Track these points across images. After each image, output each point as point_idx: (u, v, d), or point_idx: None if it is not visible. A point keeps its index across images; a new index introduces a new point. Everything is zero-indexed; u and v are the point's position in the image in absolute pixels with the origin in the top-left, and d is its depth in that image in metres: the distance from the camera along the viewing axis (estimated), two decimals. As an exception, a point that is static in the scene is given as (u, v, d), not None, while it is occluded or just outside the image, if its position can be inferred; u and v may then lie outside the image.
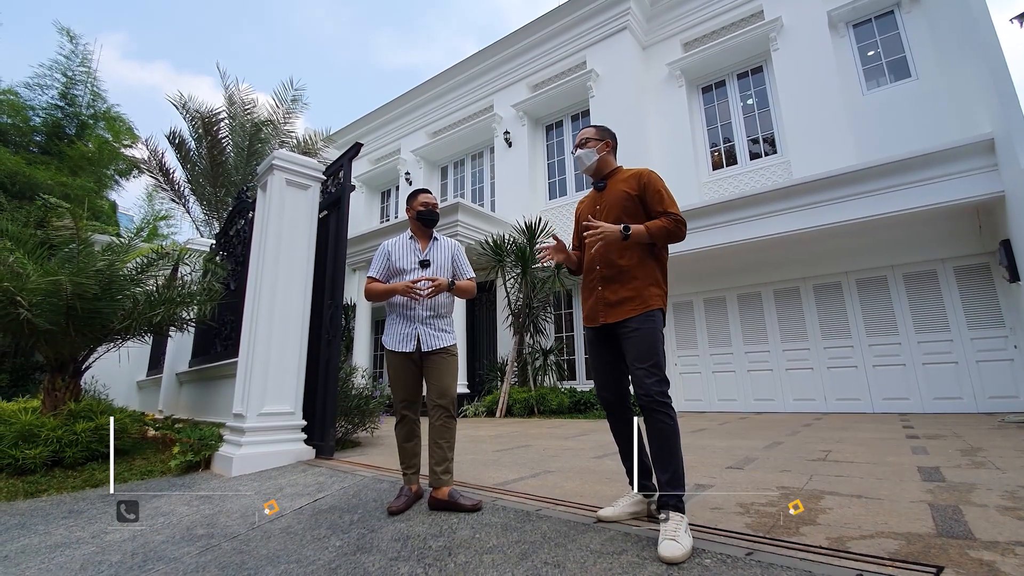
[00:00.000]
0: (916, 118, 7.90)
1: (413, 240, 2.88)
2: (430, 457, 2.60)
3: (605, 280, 2.18)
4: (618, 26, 10.67)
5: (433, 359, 2.71)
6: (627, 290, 2.12)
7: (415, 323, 2.71)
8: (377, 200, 16.35)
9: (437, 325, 2.75)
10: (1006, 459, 3.25)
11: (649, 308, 2.09)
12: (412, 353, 2.69)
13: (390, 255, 2.83)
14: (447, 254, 2.90)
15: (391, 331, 2.76)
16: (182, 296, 5.08)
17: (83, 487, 3.60)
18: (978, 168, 6.07)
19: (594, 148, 2.34)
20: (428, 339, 2.70)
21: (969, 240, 6.84)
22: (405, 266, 2.79)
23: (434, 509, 2.50)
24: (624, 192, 2.22)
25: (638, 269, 2.14)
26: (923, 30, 8.23)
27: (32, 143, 11.95)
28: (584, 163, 2.35)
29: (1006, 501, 2.24)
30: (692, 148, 9.92)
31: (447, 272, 2.86)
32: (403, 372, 2.71)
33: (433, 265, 2.82)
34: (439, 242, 2.93)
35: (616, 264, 2.16)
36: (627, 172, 2.32)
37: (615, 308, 2.13)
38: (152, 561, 2.18)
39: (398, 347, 2.70)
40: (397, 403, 2.74)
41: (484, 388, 9.75)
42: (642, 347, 2.03)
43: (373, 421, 5.11)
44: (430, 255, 2.84)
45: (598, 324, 2.20)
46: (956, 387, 6.71)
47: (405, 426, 2.72)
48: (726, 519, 2.12)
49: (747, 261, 8.39)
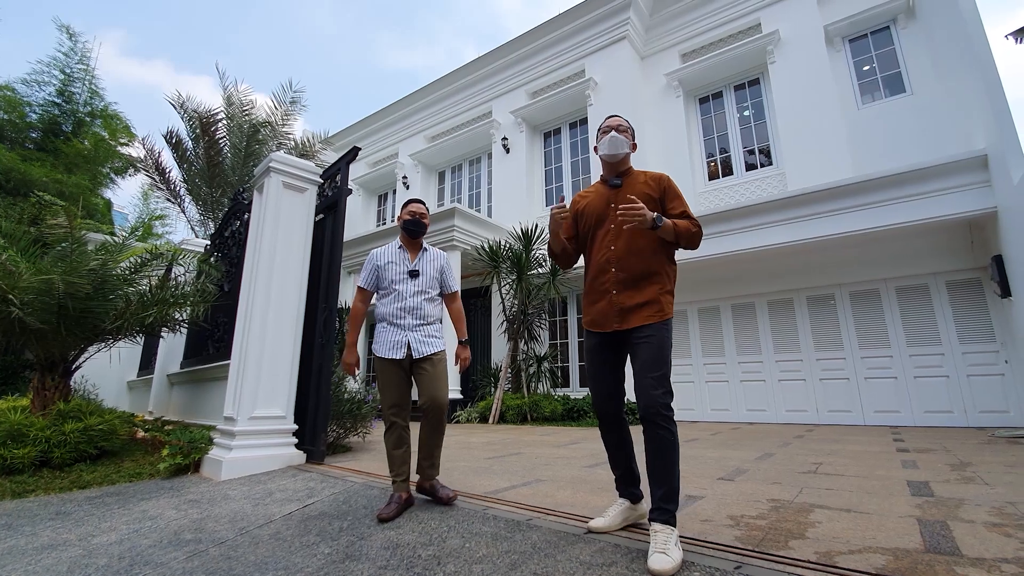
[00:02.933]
0: (911, 133, 7.98)
1: (402, 250, 2.90)
2: (419, 452, 2.75)
3: (621, 284, 2.09)
4: (617, 35, 10.74)
5: (423, 365, 2.75)
6: (644, 295, 2.05)
7: (405, 331, 2.75)
8: (374, 203, 16.34)
9: (426, 331, 2.80)
10: (995, 474, 3.27)
11: (666, 316, 2.03)
12: (402, 360, 2.72)
13: (379, 264, 2.86)
14: (436, 265, 2.94)
15: (381, 338, 2.79)
16: (175, 297, 5.06)
17: (71, 488, 3.57)
18: (971, 184, 6.13)
19: (628, 138, 2.25)
20: (418, 345, 2.74)
21: (961, 255, 6.90)
22: (394, 276, 2.82)
23: (418, 493, 2.80)
24: (647, 194, 2.14)
25: (657, 275, 2.08)
26: (918, 46, 8.34)
27: (28, 139, 11.90)
28: (618, 148, 2.20)
29: (994, 517, 2.25)
30: (689, 158, 9.98)
31: (435, 283, 2.91)
32: (393, 379, 2.73)
33: (422, 276, 2.85)
34: (428, 252, 2.96)
35: (634, 268, 2.08)
36: (646, 174, 2.25)
37: (631, 314, 2.05)
38: (139, 565, 2.16)
39: (388, 354, 2.73)
40: (386, 410, 2.75)
41: (477, 394, 9.73)
42: (654, 356, 1.98)
43: (365, 426, 5.09)
44: (419, 265, 2.87)
45: (609, 330, 2.11)
46: (947, 401, 6.75)
47: (394, 433, 2.72)
48: (716, 532, 2.12)
49: (741, 271, 8.43)
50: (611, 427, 2.22)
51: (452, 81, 13.67)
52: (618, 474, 2.25)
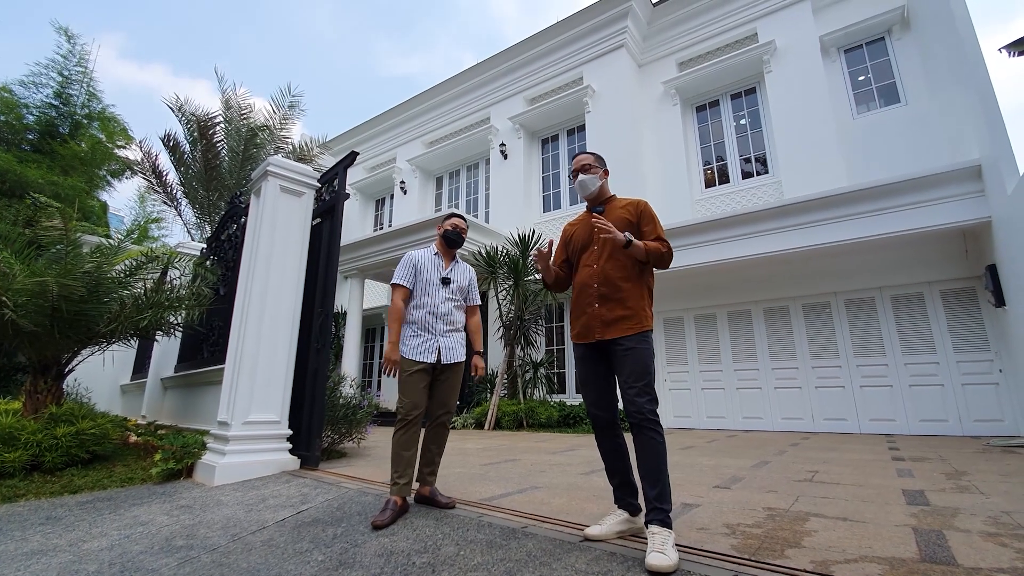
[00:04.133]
0: (905, 143, 8.04)
1: (438, 256, 3.08)
2: (421, 458, 2.82)
3: (603, 298, 2.26)
4: (615, 44, 10.81)
5: (448, 371, 2.90)
6: (623, 309, 2.21)
7: (436, 336, 2.87)
8: (371, 208, 16.33)
9: (455, 338, 2.95)
10: (990, 484, 3.28)
11: (644, 328, 2.19)
12: (431, 364, 2.83)
13: (417, 266, 3.00)
14: (465, 277, 3.12)
15: (411, 343, 2.86)
16: (170, 300, 5.04)
17: (62, 493, 3.53)
18: (966, 193, 6.18)
19: (597, 175, 2.45)
20: (448, 352, 2.88)
21: (956, 264, 6.94)
22: (429, 277, 2.97)
23: (417, 503, 2.80)
24: (624, 218, 2.34)
25: (634, 290, 2.25)
26: (913, 57, 8.42)
27: (24, 141, 11.84)
28: (588, 188, 2.44)
29: (989, 527, 2.26)
30: (686, 166, 10.02)
31: (462, 293, 3.08)
32: (419, 381, 2.80)
33: (452, 284, 3.02)
34: (459, 264, 3.15)
35: (615, 283, 2.25)
36: (624, 200, 2.46)
37: (612, 326, 2.21)
38: (130, 572, 2.14)
39: (420, 357, 2.81)
40: (408, 410, 2.75)
41: (473, 400, 9.69)
42: (637, 367, 2.13)
43: (360, 432, 5.06)
44: (451, 274, 3.04)
45: (593, 340, 2.26)
46: (942, 410, 6.76)
47: (408, 432, 2.73)
48: (712, 540, 2.11)
49: (738, 279, 8.45)
50: (605, 433, 2.30)
51: (450, 87, 13.71)
52: (615, 484, 2.28)
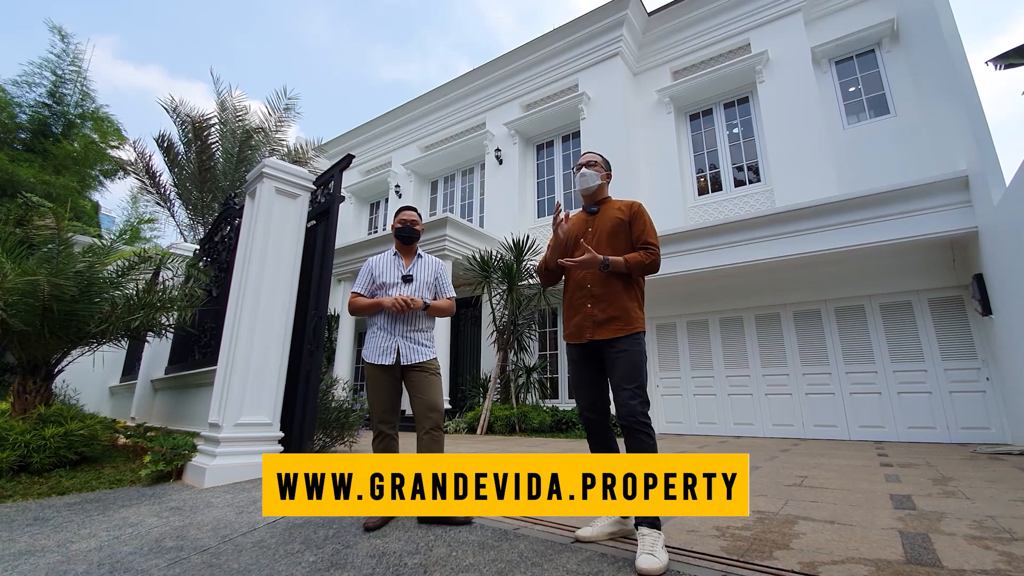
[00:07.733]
0: (895, 153, 8.17)
1: (397, 256, 2.94)
2: None
3: (595, 299, 2.25)
4: (610, 52, 10.92)
5: (415, 373, 2.73)
6: (615, 309, 2.21)
7: (395, 336, 2.73)
8: (366, 211, 16.33)
9: (417, 339, 2.77)
10: (976, 489, 3.32)
11: (636, 330, 2.19)
12: (392, 367, 2.70)
13: (373, 271, 2.88)
14: (431, 271, 2.95)
15: (371, 344, 2.77)
16: (162, 301, 5.01)
17: (49, 494, 3.49)
18: (953, 204, 6.28)
19: (599, 173, 2.47)
20: (408, 352, 2.72)
21: (944, 273, 7.03)
22: (388, 280, 2.83)
23: (423, 524, 2.51)
24: (617, 218, 2.35)
25: (625, 291, 2.25)
26: (902, 69, 8.57)
27: (16, 140, 11.74)
28: (588, 183, 2.45)
29: (974, 530, 2.29)
30: (679, 173, 10.12)
31: (430, 289, 2.91)
32: (382, 385, 2.71)
33: (416, 281, 2.86)
34: (423, 259, 2.98)
35: (607, 284, 2.25)
36: (620, 201, 2.46)
37: (604, 326, 2.20)
38: (118, 573, 2.12)
39: (378, 359, 2.71)
40: (375, 418, 2.72)
41: (466, 404, 9.68)
42: (629, 369, 2.12)
43: (352, 434, 5.05)
44: (413, 271, 2.89)
45: (585, 341, 2.25)
46: (930, 417, 6.83)
47: (383, 443, 2.70)
48: (702, 542, 2.13)
49: (730, 286, 8.51)
50: (597, 435, 2.30)
51: (446, 92, 13.77)
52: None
